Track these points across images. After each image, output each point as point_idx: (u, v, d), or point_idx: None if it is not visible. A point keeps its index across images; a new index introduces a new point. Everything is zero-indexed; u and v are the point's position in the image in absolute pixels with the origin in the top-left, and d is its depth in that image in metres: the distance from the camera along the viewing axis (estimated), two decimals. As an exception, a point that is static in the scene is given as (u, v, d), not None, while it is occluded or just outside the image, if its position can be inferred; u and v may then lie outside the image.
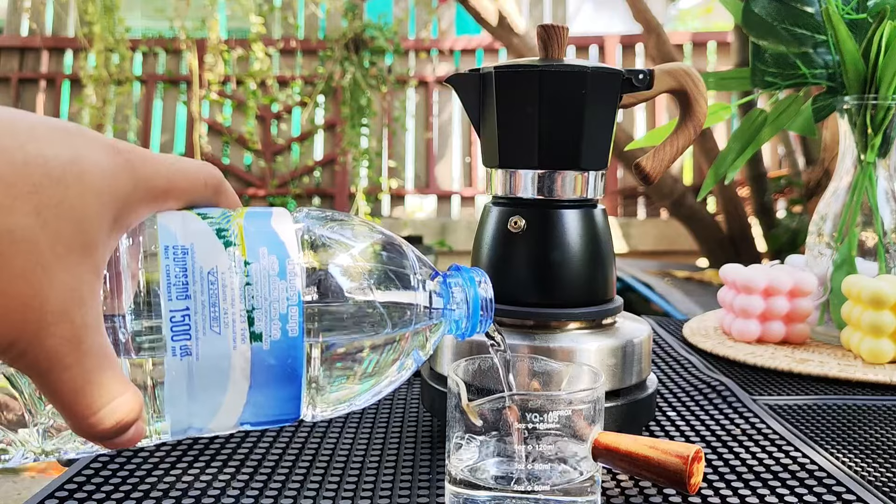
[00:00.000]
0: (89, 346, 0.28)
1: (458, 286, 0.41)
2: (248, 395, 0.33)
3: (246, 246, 0.33)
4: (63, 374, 0.28)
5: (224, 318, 0.32)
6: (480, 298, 0.41)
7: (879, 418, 0.65)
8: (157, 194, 0.31)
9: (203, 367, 0.32)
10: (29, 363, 0.27)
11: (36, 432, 0.32)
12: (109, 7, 4.18)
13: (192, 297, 0.32)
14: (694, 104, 0.58)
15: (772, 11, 0.89)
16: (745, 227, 3.55)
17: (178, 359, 0.32)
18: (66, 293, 0.27)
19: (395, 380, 0.39)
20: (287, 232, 0.34)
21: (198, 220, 0.33)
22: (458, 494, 0.43)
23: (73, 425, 0.29)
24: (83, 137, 0.28)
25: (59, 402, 0.28)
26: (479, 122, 0.58)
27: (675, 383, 0.73)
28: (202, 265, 0.32)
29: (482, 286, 0.41)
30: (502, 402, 0.42)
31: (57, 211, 0.27)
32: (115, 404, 0.29)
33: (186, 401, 0.33)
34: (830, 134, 2.45)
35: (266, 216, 0.35)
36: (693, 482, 0.41)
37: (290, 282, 0.33)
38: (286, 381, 0.34)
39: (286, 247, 0.34)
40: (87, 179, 0.28)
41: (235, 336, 0.32)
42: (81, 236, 0.27)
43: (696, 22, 8.28)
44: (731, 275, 0.88)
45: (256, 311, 0.33)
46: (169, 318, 0.31)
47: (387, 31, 4.46)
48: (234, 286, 0.32)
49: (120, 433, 0.29)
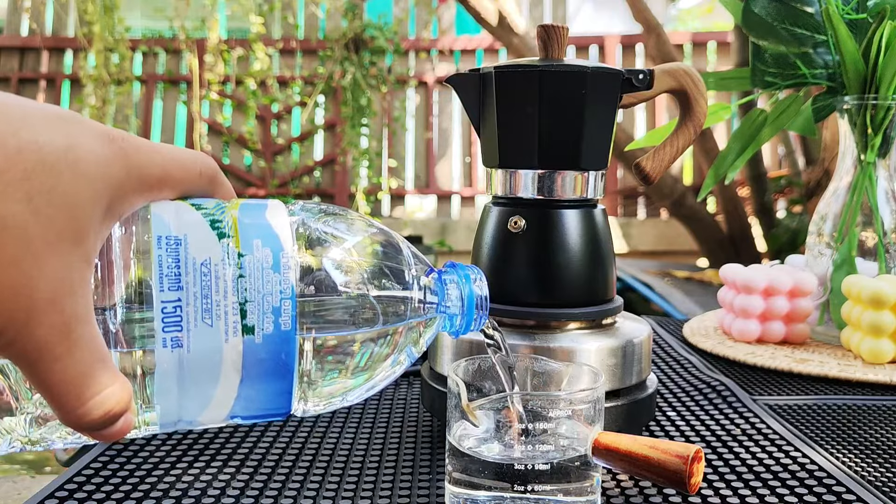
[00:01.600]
0: (79, 336, 0.28)
1: (454, 283, 0.41)
2: (240, 389, 0.33)
3: (240, 238, 0.33)
4: (52, 364, 0.27)
5: (216, 311, 0.32)
6: (475, 296, 0.41)
7: (879, 418, 0.65)
8: (152, 183, 0.31)
9: (194, 359, 0.32)
10: (17, 352, 0.27)
11: (23, 420, 0.31)
12: (109, 7, 4.18)
13: (184, 289, 0.31)
14: (694, 104, 0.58)
15: (772, 11, 0.89)
16: (745, 227, 3.55)
17: (169, 350, 0.31)
18: (56, 282, 0.27)
19: (389, 375, 0.38)
20: (282, 224, 0.34)
21: (192, 210, 0.33)
22: (458, 494, 0.43)
23: (61, 415, 0.29)
24: (78, 125, 0.28)
25: (48, 392, 0.28)
26: (479, 122, 0.58)
27: (675, 383, 0.73)
28: (195, 256, 0.32)
29: (477, 283, 0.41)
30: (502, 402, 0.42)
31: (49, 198, 0.26)
32: (104, 395, 0.29)
33: (177, 393, 0.32)
34: (830, 134, 2.45)
35: (261, 208, 0.35)
36: (693, 482, 0.41)
37: (283, 275, 0.33)
38: (278, 374, 0.34)
39: (280, 239, 0.34)
40: (81, 167, 0.27)
41: (227, 329, 0.32)
42: (73, 224, 0.27)
43: (696, 22, 8.28)
44: (731, 275, 0.88)
45: (249, 303, 0.32)
46: (161, 308, 0.31)
47: (387, 31, 4.46)
48: (227, 278, 0.32)
49: (108, 424, 0.29)
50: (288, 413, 0.36)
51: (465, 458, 0.42)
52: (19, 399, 0.31)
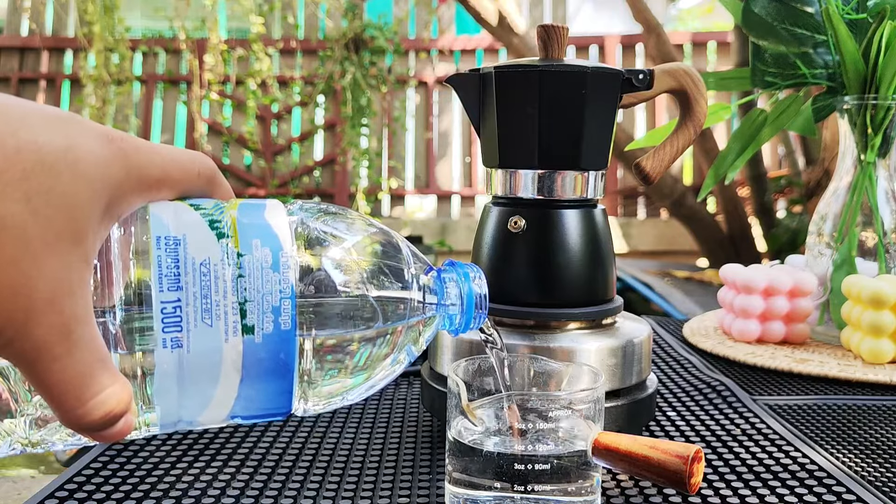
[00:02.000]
0: (79, 337, 0.28)
1: (453, 281, 0.41)
2: (240, 389, 0.33)
3: (239, 238, 0.33)
4: (52, 364, 0.27)
5: (216, 311, 0.32)
6: (475, 294, 0.41)
7: (879, 418, 0.65)
8: (150, 184, 0.31)
9: (194, 359, 0.32)
10: (16, 353, 0.27)
11: (23, 423, 0.31)
12: (109, 7, 4.18)
13: (183, 289, 0.31)
14: (694, 104, 0.58)
15: (772, 11, 0.89)
16: (745, 227, 3.55)
17: (169, 351, 0.31)
18: (55, 282, 0.27)
19: (388, 374, 0.38)
20: (281, 224, 0.34)
21: (190, 210, 0.33)
22: (458, 494, 0.43)
23: (61, 416, 0.29)
24: (77, 125, 0.28)
25: (47, 393, 0.28)
26: (479, 122, 0.58)
27: (675, 383, 0.73)
28: (194, 256, 0.32)
29: (476, 282, 0.41)
30: (502, 402, 0.42)
31: (48, 198, 0.26)
32: (104, 395, 0.28)
33: (177, 393, 0.32)
34: (830, 134, 2.45)
35: (259, 208, 0.35)
36: (693, 482, 0.41)
37: (283, 274, 0.33)
38: (278, 374, 0.34)
39: (279, 239, 0.33)
40: (80, 167, 0.27)
41: (227, 328, 0.32)
42: (72, 224, 0.27)
43: (696, 22, 8.28)
44: (731, 275, 0.88)
45: (249, 303, 0.32)
46: (160, 309, 0.31)
47: (387, 31, 4.46)
48: (227, 278, 0.32)
49: (109, 425, 0.29)
50: (288, 412, 0.36)
51: (466, 458, 0.42)
52: (19, 401, 0.31)
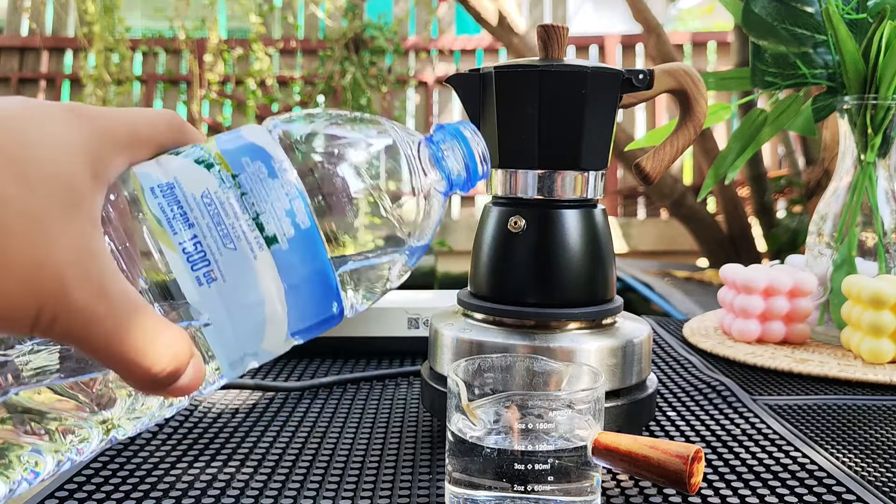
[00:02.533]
0: (115, 292, 0.28)
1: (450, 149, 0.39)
2: (287, 301, 0.33)
3: (228, 162, 0.33)
4: (100, 325, 0.27)
5: (234, 233, 0.32)
6: (477, 154, 0.39)
7: (879, 418, 0.65)
8: (124, 143, 0.31)
9: (232, 286, 0.32)
10: (63, 327, 0.27)
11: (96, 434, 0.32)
12: (109, 7, 4.18)
13: (195, 224, 0.31)
14: (694, 104, 0.58)
15: (772, 11, 0.89)
16: (745, 227, 3.55)
17: (207, 287, 0.31)
18: (74, 249, 0.27)
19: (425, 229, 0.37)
20: (262, 138, 0.34)
21: (172, 157, 0.33)
22: (458, 494, 0.43)
23: (130, 375, 0.29)
24: (40, 107, 0.29)
25: (108, 356, 0.28)
26: (479, 122, 0.58)
27: (675, 383, 0.73)
28: (193, 192, 0.32)
29: (473, 140, 0.39)
30: (502, 402, 0.42)
31: (41, 175, 0.27)
32: (164, 341, 0.29)
33: (230, 328, 0.32)
34: (830, 134, 2.45)
35: (236, 133, 0.35)
36: (693, 482, 0.41)
37: (283, 178, 0.33)
38: (316, 273, 0.33)
39: (266, 150, 0.34)
40: (60, 141, 0.28)
41: (251, 245, 0.32)
42: (71, 194, 0.28)
43: (696, 22, 8.28)
44: (731, 275, 0.88)
45: (262, 215, 0.32)
46: (182, 250, 0.31)
47: (387, 31, 4.46)
48: (232, 200, 0.32)
49: (179, 371, 0.29)
50: (341, 311, 0.35)
51: (466, 458, 0.42)
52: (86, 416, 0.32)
